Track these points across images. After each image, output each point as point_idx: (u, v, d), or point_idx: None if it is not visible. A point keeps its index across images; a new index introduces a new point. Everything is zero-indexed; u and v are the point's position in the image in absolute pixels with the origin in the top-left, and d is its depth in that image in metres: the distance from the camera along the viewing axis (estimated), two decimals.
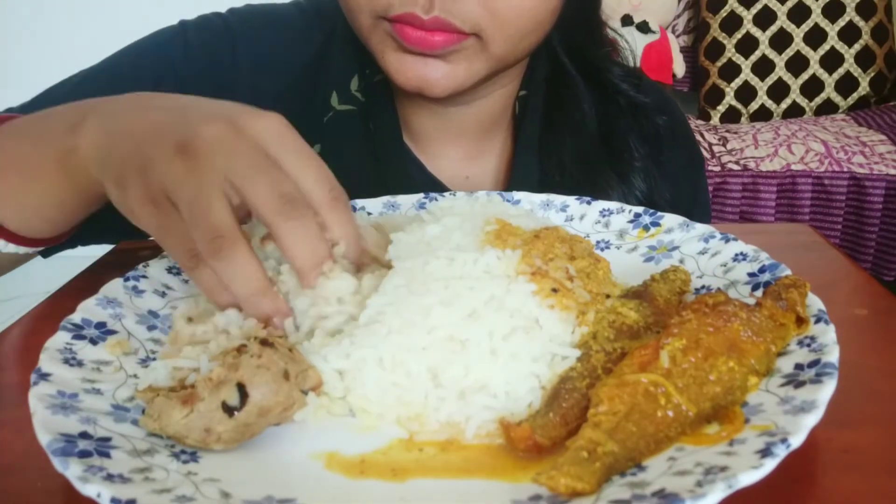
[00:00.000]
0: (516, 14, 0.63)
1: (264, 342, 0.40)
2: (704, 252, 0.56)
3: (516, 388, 0.41)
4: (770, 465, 0.32)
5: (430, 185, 0.78)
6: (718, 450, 0.34)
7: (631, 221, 0.62)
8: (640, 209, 0.62)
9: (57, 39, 2.55)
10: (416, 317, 0.43)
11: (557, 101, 0.80)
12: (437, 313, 0.43)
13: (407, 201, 0.66)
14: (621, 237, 0.61)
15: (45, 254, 0.66)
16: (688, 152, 0.88)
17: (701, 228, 0.58)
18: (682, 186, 0.84)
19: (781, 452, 0.32)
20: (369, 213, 0.65)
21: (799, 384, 0.38)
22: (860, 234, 2.03)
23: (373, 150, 0.77)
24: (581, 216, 0.64)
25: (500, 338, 0.42)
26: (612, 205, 0.63)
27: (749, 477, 0.31)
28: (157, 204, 0.44)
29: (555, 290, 0.45)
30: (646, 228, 0.61)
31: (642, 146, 0.81)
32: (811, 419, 0.34)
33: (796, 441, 0.33)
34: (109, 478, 0.33)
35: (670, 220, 0.60)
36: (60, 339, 0.44)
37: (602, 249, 0.60)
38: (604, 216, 0.63)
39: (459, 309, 0.43)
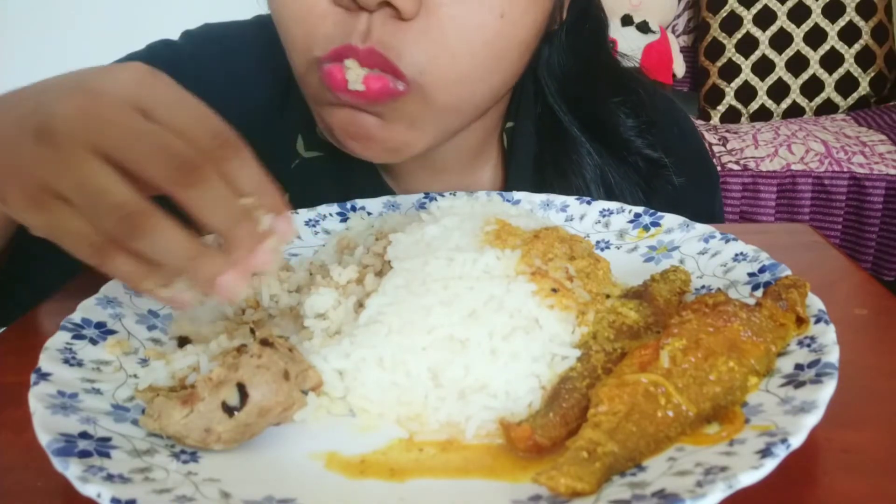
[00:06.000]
0: (468, 49, 0.53)
1: (264, 342, 0.40)
2: (704, 252, 0.55)
3: (516, 388, 0.41)
4: (770, 465, 0.32)
5: None
6: (718, 450, 0.34)
7: (631, 221, 0.62)
8: (640, 209, 0.62)
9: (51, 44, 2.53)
10: (416, 317, 0.43)
11: (554, 156, 0.72)
12: (437, 313, 0.43)
13: (407, 201, 0.66)
14: (621, 237, 0.61)
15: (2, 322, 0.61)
16: (703, 181, 0.81)
17: (701, 228, 0.58)
18: (698, 212, 0.78)
19: (781, 453, 0.32)
20: (369, 213, 0.65)
21: (799, 384, 0.38)
22: (860, 234, 2.03)
23: (347, 195, 0.68)
24: (581, 216, 0.64)
25: (500, 338, 0.42)
26: (612, 205, 0.63)
27: (749, 477, 0.31)
28: (39, 203, 0.38)
29: (554, 290, 0.45)
30: (646, 228, 0.61)
31: (660, 207, 0.71)
32: (811, 419, 0.34)
33: (796, 441, 0.33)
34: (109, 478, 0.33)
35: (670, 220, 0.60)
36: (60, 338, 0.44)
37: (602, 249, 0.60)
38: (604, 216, 0.63)
39: (459, 309, 0.43)
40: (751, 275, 0.51)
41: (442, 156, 0.72)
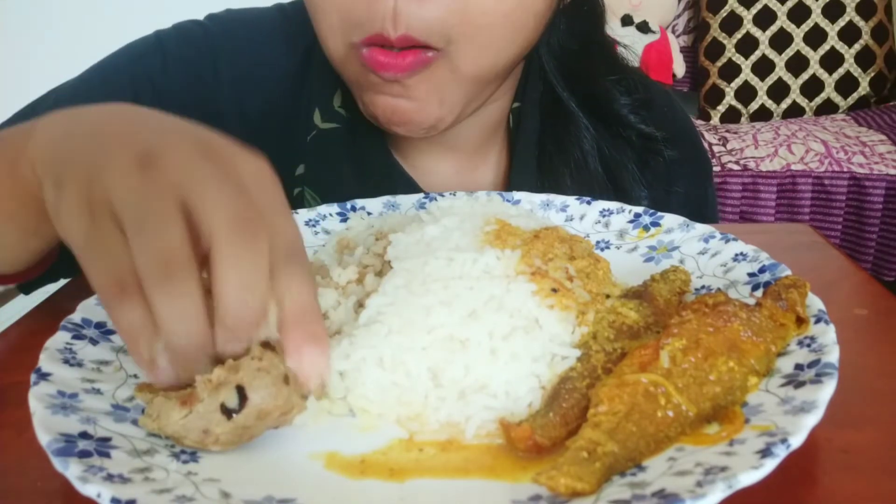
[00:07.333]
0: (489, 21, 0.58)
1: (266, 345, 0.40)
2: (704, 252, 0.55)
3: (516, 388, 0.41)
4: (770, 465, 0.32)
5: None
6: (718, 450, 0.34)
7: (631, 221, 0.62)
8: (640, 209, 0.62)
9: (56, 40, 2.53)
10: (416, 317, 0.43)
11: (554, 130, 0.76)
12: (437, 313, 0.43)
13: (407, 201, 0.66)
14: (621, 237, 0.61)
15: (26, 290, 0.64)
16: (696, 163, 0.84)
17: (701, 228, 0.58)
18: (690, 200, 0.80)
19: (781, 453, 0.32)
20: (369, 213, 0.65)
21: (799, 384, 0.38)
22: (860, 234, 2.03)
23: (359, 168, 0.74)
24: (581, 216, 0.64)
25: (500, 338, 0.42)
26: (612, 205, 0.64)
27: (749, 477, 0.31)
28: (93, 214, 0.37)
29: (554, 290, 0.45)
30: (646, 228, 0.61)
31: (653, 181, 0.77)
32: (811, 419, 0.34)
33: (796, 441, 0.33)
34: (109, 478, 0.33)
35: (670, 220, 0.60)
36: (60, 338, 0.44)
37: (602, 249, 0.60)
38: (604, 216, 0.63)
39: (459, 309, 0.43)
40: (751, 275, 0.51)
41: (457, 134, 0.74)
